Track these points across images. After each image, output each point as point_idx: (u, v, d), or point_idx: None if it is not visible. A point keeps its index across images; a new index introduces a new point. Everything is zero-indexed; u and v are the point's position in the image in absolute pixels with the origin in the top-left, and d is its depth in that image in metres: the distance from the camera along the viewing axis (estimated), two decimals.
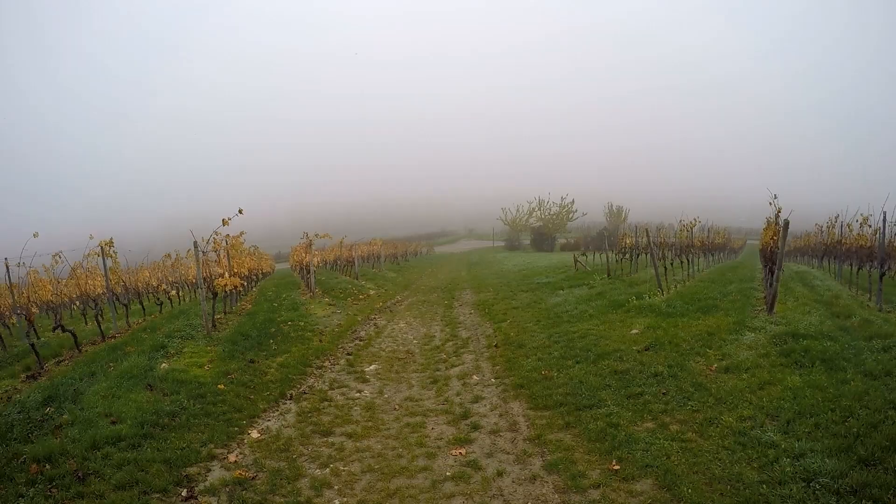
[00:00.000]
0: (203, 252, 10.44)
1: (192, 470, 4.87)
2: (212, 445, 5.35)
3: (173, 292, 15.08)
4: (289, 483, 4.62)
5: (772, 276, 9.95)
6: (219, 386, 6.88)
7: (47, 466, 4.85)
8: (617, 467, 4.44)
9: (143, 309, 13.48)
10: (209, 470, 4.91)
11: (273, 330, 10.39)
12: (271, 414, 6.32)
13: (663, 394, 5.82)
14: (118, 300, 12.19)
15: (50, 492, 4.53)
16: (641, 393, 5.89)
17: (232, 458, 5.11)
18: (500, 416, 5.85)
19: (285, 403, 6.67)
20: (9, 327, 13.31)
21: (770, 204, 9.69)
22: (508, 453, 4.96)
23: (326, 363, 8.56)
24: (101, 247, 10.82)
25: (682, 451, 4.60)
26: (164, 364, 7.62)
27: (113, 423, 5.67)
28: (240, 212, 9.56)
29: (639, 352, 7.28)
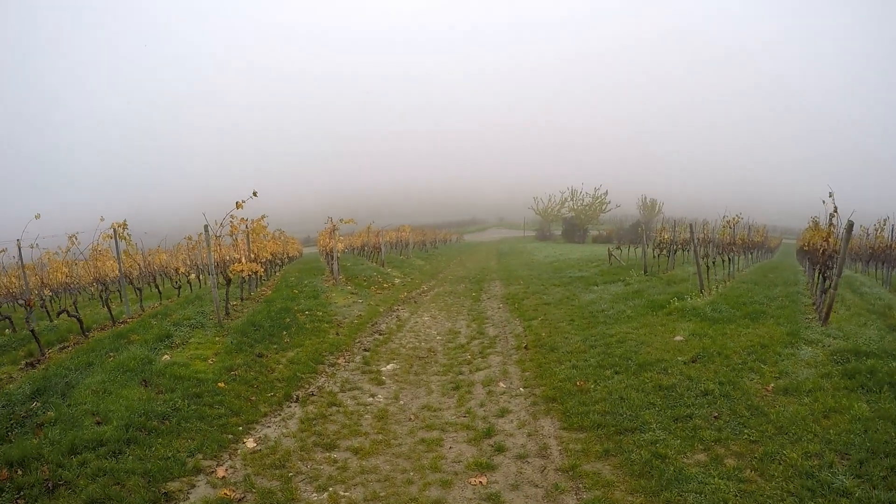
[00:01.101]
0: (217, 236, 9.92)
1: (174, 486, 4.29)
2: (200, 456, 4.76)
3: (192, 276, 14.70)
4: None
5: (824, 281, 9.02)
6: (219, 384, 6.30)
7: (20, 472, 4.34)
8: None
9: (160, 293, 13.08)
10: (193, 486, 4.32)
11: (288, 320, 9.83)
12: (272, 419, 5.70)
13: (715, 417, 5.01)
14: (132, 284, 11.79)
15: (16, 503, 4.02)
16: (690, 415, 5.08)
17: (220, 472, 4.50)
18: (529, 436, 5.10)
19: (290, 407, 6.05)
20: (26, 308, 13.09)
21: (823, 203, 8.73)
22: (537, 486, 4.21)
23: (340, 360, 7.93)
24: (114, 229, 10.38)
25: (741, 495, 3.81)
26: (165, 356, 7.10)
27: (98, 423, 5.14)
28: (254, 194, 8.98)
29: (685, 363, 6.46)
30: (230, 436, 5.20)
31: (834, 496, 3.67)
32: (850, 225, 7.71)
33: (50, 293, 11.42)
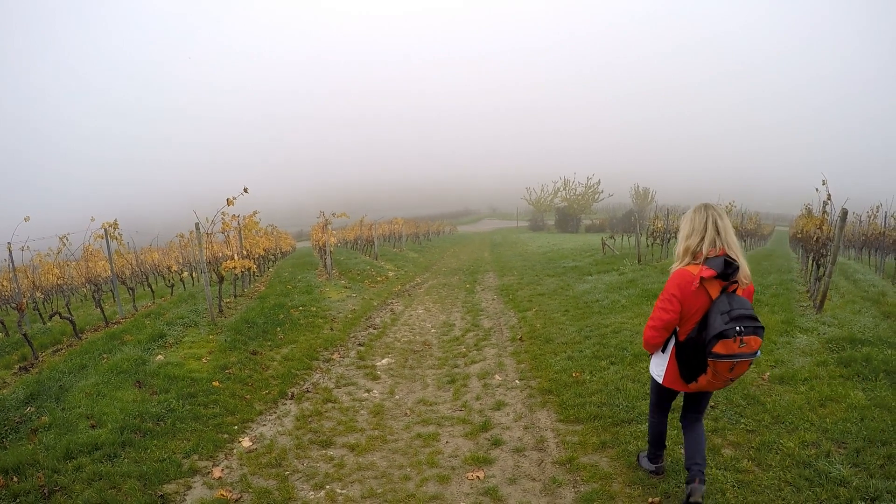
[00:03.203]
0: (209, 233, 9.86)
1: (170, 488, 4.26)
2: (196, 457, 4.73)
3: (185, 274, 14.62)
4: None
5: (818, 269, 9.07)
6: (213, 383, 6.27)
7: (15, 479, 4.29)
8: None
9: (153, 292, 13.00)
10: (189, 488, 4.29)
11: (282, 316, 9.79)
12: (268, 417, 5.67)
13: (711, 407, 5.02)
14: (124, 284, 11.71)
15: None
16: None
17: (217, 473, 4.48)
18: (525, 428, 5.09)
19: (285, 404, 6.03)
20: (18, 312, 12.98)
21: (817, 190, 8.74)
22: (534, 480, 4.21)
23: (335, 356, 7.91)
24: (105, 229, 10.30)
25: (739, 485, 3.82)
26: (159, 356, 7.06)
27: (92, 427, 5.11)
28: (245, 190, 8.92)
29: None
30: (226, 435, 5.17)
31: (831, 485, 3.68)
32: (845, 213, 7.72)
33: (42, 295, 11.34)
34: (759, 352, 3.18)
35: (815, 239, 9.38)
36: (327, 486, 4.25)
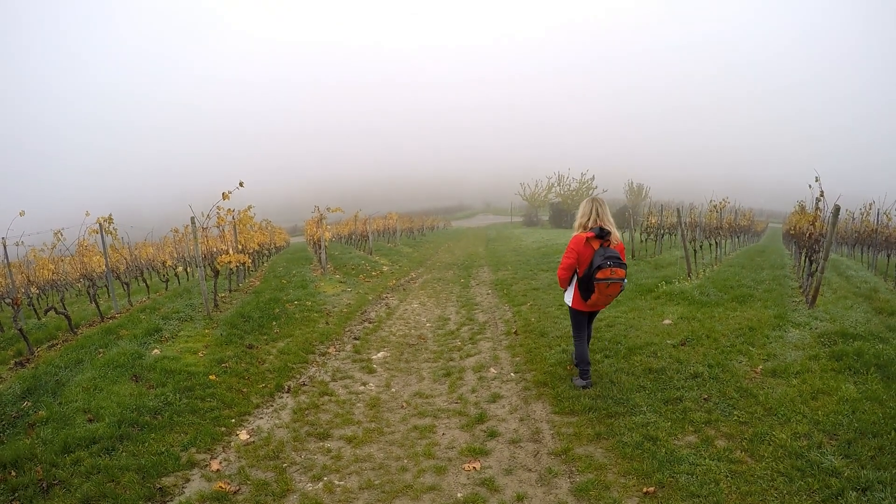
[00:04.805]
0: (204, 228, 9.85)
1: (168, 480, 4.28)
2: (194, 450, 4.76)
3: (180, 268, 14.59)
4: (274, 500, 4.00)
5: (810, 265, 9.15)
6: (210, 377, 6.29)
7: (13, 473, 4.31)
8: (658, 496, 3.75)
9: (148, 287, 12.97)
10: (188, 480, 4.32)
11: (277, 310, 9.80)
12: (265, 410, 5.70)
13: (705, 399, 5.09)
14: (119, 279, 11.69)
15: None
16: (680, 398, 5.17)
17: (215, 465, 4.51)
18: (521, 420, 5.14)
19: (281, 397, 6.05)
20: (14, 307, 12.93)
21: (810, 187, 8.80)
22: (530, 470, 4.26)
23: (331, 349, 7.94)
24: (100, 223, 10.28)
25: (732, 475, 3.89)
26: (155, 350, 7.07)
27: (90, 420, 5.13)
28: (240, 184, 8.90)
29: (674, 346, 6.55)
30: (223, 428, 5.19)
31: (823, 476, 3.75)
32: (837, 209, 7.77)
33: (37, 291, 11.30)
34: (625, 279, 5.21)
35: (807, 235, 9.45)
36: (325, 478, 4.29)
